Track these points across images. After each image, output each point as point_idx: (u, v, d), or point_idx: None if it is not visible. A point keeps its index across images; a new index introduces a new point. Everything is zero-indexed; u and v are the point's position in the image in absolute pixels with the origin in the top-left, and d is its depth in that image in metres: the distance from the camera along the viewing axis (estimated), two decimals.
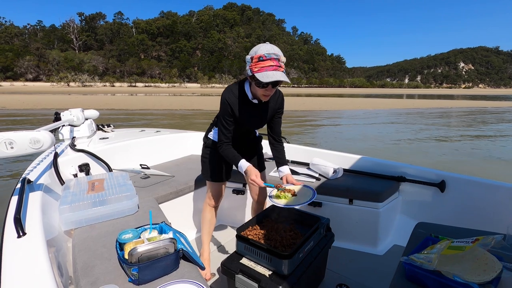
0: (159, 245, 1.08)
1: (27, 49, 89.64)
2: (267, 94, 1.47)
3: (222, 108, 1.57)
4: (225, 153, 1.61)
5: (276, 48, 1.39)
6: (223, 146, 1.61)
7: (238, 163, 1.56)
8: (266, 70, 1.35)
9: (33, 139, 1.29)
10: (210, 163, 1.81)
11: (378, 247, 2.15)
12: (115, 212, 1.52)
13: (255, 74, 1.36)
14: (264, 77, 1.34)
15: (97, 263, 1.16)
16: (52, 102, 22.27)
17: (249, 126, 1.68)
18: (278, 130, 1.80)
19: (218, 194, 1.88)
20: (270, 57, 1.35)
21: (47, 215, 1.35)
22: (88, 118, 2.79)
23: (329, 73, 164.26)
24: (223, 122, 1.58)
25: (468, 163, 6.91)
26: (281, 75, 1.37)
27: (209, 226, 1.93)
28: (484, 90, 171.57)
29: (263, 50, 1.36)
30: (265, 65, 1.34)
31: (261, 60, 1.35)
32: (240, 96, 1.56)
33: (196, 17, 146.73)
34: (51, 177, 1.76)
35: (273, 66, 1.35)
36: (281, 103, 1.72)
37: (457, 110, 22.35)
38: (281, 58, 1.39)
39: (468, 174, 2.11)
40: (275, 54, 1.36)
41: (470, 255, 0.94)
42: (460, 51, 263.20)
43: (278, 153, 1.79)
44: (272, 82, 1.38)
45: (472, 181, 1.97)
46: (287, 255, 1.23)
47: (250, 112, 1.60)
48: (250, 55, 1.40)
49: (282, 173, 1.70)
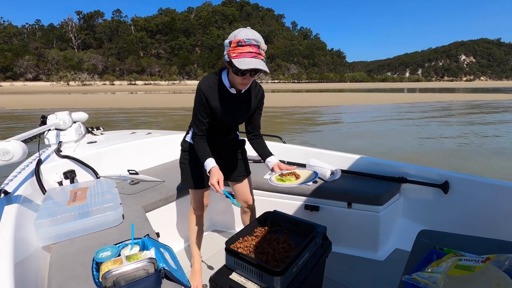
0: (137, 266, 0.99)
1: (26, 48, 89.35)
2: (245, 83, 1.37)
3: (196, 97, 1.45)
4: (196, 147, 1.50)
5: (257, 34, 1.30)
6: (195, 139, 1.51)
7: (205, 160, 1.44)
8: (245, 56, 1.25)
9: (2, 150, 1.20)
10: (190, 169, 1.68)
11: (379, 252, 2.05)
12: (97, 225, 1.43)
13: (233, 60, 1.27)
14: (241, 63, 1.24)
15: (72, 285, 1.07)
16: (51, 101, 22.20)
17: (228, 119, 1.55)
18: (258, 125, 1.70)
19: (201, 202, 1.77)
20: (250, 43, 1.25)
21: (23, 230, 1.26)
22: (77, 121, 2.69)
23: (329, 68, 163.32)
24: (197, 114, 1.47)
25: (475, 161, 6.79)
26: (260, 63, 1.27)
27: (197, 235, 1.83)
28: (485, 82, 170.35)
29: (242, 34, 1.26)
30: (244, 51, 1.25)
31: (240, 45, 1.25)
32: (217, 85, 1.45)
33: (194, 14, 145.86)
34: (33, 187, 1.67)
35: (252, 53, 1.26)
36: (261, 97, 1.63)
37: (462, 103, 22.14)
38: (262, 45, 1.30)
39: (474, 173, 2.01)
40: (255, 40, 1.27)
41: (481, 277, 0.84)
42: (461, 44, 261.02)
43: (261, 145, 1.68)
44: (250, 69, 1.28)
45: (478, 182, 1.86)
46: (279, 272, 1.14)
47: (228, 103, 1.48)
48: (229, 39, 1.30)
49: (271, 163, 1.58)
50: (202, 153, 1.48)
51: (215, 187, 1.34)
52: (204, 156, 1.46)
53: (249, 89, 1.54)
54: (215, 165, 1.42)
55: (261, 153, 1.66)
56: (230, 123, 1.59)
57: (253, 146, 1.71)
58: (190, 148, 1.65)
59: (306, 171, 1.49)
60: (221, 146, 1.68)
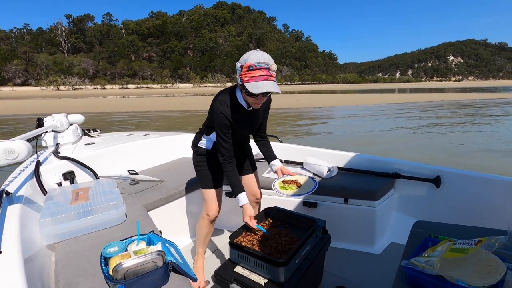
0: (146, 259, 1.02)
1: (14, 53, 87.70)
2: (258, 102, 1.44)
3: (219, 122, 1.50)
4: (229, 174, 1.56)
5: (266, 56, 1.35)
6: (227, 165, 1.56)
7: (238, 194, 1.53)
8: (256, 80, 1.31)
9: (7, 149, 1.21)
10: (207, 170, 1.73)
11: (375, 246, 2.11)
12: (100, 223, 1.44)
13: (245, 84, 1.33)
14: (254, 88, 1.31)
15: (80, 280, 1.08)
16: (41, 106, 21.86)
17: (247, 132, 1.68)
18: (265, 128, 1.81)
19: (216, 205, 1.79)
20: (260, 67, 1.31)
21: (27, 230, 1.27)
22: (73, 123, 2.69)
23: (321, 70, 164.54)
24: (223, 136, 1.52)
25: (467, 157, 6.95)
26: (272, 85, 1.33)
27: (205, 239, 1.85)
28: (473, 82, 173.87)
29: (253, 59, 1.32)
30: (255, 74, 1.31)
31: (251, 69, 1.31)
32: (233, 105, 1.51)
33: (186, 17, 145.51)
34: (33, 188, 1.67)
35: (263, 76, 1.32)
36: (269, 104, 1.72)
37: (451, 103, 22.59)
38: (272, 66, 1.35)
39: (465, 168, 2.08)
40: (265, 64, 1.32)
41: (473, 257, 0.90)
42: (449, 45, 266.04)
43: (267, 148, 1.80)
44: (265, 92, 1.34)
45: (468, 176, 1.94)
46: (283, 262, 1.18)
47: (243, 118, 1.56)
48: (240, 63, 1.36)
49: (275, 167, 1.71)
50: (235, 184, 1.55)
51: (249, 224, 1.46)
52: (238, 189, 1.54)
53: None
54: (247, 202, 1.51)
55: (267, 155, 1.78)
56: (241, 134, 1.68)
57: (259, 147, 1.81)
58: (206, 153, 1.72)
59: (306, 180, 1.61)
60: (236, 151, 1.73)
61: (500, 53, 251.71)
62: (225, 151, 1.55)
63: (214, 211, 1.77)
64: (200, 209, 1.86)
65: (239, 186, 1.55)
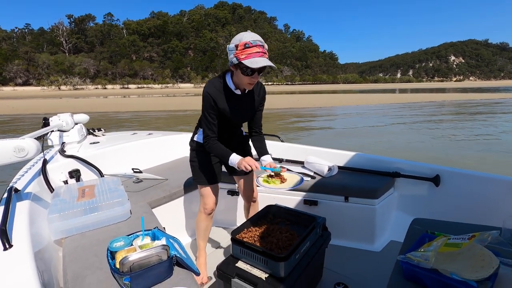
0: (151, 253, 1.06)
1: (15, 53, 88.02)
2: (252, 81, 1.46)
3: (205, 102, 1.53)
4: (213, 148, 1.57)
5: (259, 36, 1.40)
6: (209, 141, 1.57)
7: (229, 157, 1.53)
8: (254, 56, 1.35)
9: (18, 147, 1.25)
10: (200, 166, 1.75)
11: (375, 244, 2.14)
12: (106, 219, 1.48)
13: (243, 61, 1.35)
14: (253, 63, 1.34)
15: (88, 273, 1.12)
16: (43, 106, 21.95)
17: (234, 120, 1.64)
18: (259, 122, 1.79)
19: (213, 199, 1.81)
20: (256, 44, 1.36)
21: (35, 225, 1.31)
22: (78, 122, 2.73)
23: (322, 70, 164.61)
24: (207, 116, 1.55)
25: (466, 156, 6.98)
26: (268, 61, 1.38)
27: (205, 233, 1.88)
28: (474, 82, 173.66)
29: (248, 37, 1.36)
30: (252, 51, 1.35)
31: (248, 47, 1.35)
32: (223, 88, 1.54)
33: (187, 17, 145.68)
34: (40, 185, 1.72)
35: (259, 53, 1.36)
36: (263, 95, 1.72)
37: (451, 103, 22.58)
38: (265, 45, 1.41)
39: (464, 167, 2.11)
40: (260, 41, 1.38)
41: (467, 252, 0.93)
42: (450, 45, 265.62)
43: (260, 143, 1.77)
44: (259, 68, 1.38)
45: (466, 175, 1.97)
46: (283, 257, 1.21)
47: (234, 104, 1.58)
48: (234, 43, 1.39)
49: (265, 162, 1.69)
50: (222, 151, 1.55)
51: (251, 164, 1.47)
52: (227, 153, 1.54)
53: (251, 89, 1.62)
54: (240, 158, 1.52)
55: (259, 150, 1.76)
56: (237, 122, 1.68)
57: (253, 143, 1.79)
58: (199, 147, 1.73)
59: (293, 176, 1.60)
60: (228, 143, 1.74)
61: (501, 53, 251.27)
62: (208, 131, 1.56)
63: (211, 204, 1.80)
64: None
65: (226, 151, 1.55)
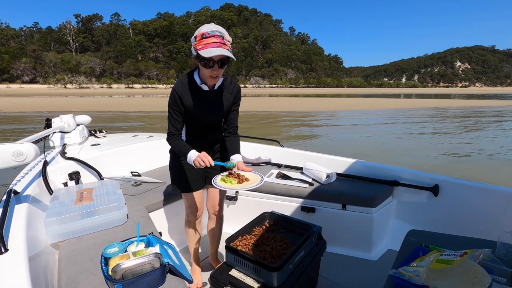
0: (143, 261, 1.06)
1: (23, 51, 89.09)
2: (214, 74, 1.42)
3: (171, 98, 1.51)
4: (174, 144, 1.53)
5: (220, 27, 1.37)
6: (172, 138, 1.54)
7: (188, 153, 1.46)
8: (210, 46, 1.32)
9: (16, 151, 1.27)
10: (180, 173, 1.69)
11: (372, 253, 2.13)
12: (103, 223, 1.50)
13: (199, 51, 1.33)
14: (207, 52, 1.31)
15: (82, 279, 1.13)
16: (48, 104, 22.16)
17: (203, 116, 1.57)
18: (235, 123, 1.71)
19: (195, 206, 1.75)
20: (214, 34, 1.33)
21: (33, 228, 1.33)
22: (80, 124, 2.76)
23: (326, 73, 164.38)
24: (171, 113, 1.52)
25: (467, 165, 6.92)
26: (226, 51, 1.34)
27: (194, 239, 1.84)
28: (480, 89, 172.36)
29: (206, 28, 1.35)
30: (209, 41, 1.33)
31: (204, 37, 1.33)
32: (190, 84, 1.51)
33: (193, 18, 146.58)
34: (40, 187, 1.74)
35: (217, 43, 1.33)
36: (237, 93, 1.66)
37: (458, 110, 22.43)
38: (226, 36, 1.37)
39: (464, 177, 2.10)
40: (218, 32, 1.35)
41: (459, 268, 0.93)
42: (456, 50, 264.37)
43: (233, 143, 1.67)
44: (217, 59, 1.35)
45: (466, 185, 1.96)
46: (276, 267, 1.21)
47: (202, 100, 1.53)
48: (194, 35, 1.38)
49: (233, 161, 1.59)
50: (182, 148, 1.49)
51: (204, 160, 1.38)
52: (186, 149, 1.47)
53: (222, 86, 1.59)
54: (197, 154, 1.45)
55: (230, 150, 1.65)
56: (205, 120, 1.60)
57: (226, 143, 1.70)
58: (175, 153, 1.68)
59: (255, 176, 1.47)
60: (205, 148, 1.68)
61: (508, 60, 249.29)
62: (172, 128, 1.53)
63: (195, 212, 1.76)
64: None
65: (185, 147, 1.49)
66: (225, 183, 1.40)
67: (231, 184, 1.39)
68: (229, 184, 1.39)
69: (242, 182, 1.40)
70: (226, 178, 1.42)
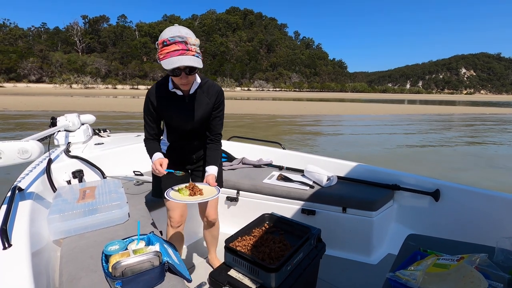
0: (143, 259, 1.08)
1: (30, 51, 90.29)
2: (183, 83, 1.34)
3: (144, 103, 1.47)
4: (146, 147, 1.53)
5: (184, 30, 1.25)
6: (145, 142, 1.54)
7: (153, 156, 1.46)
8: (171, 55, 1.22)
9: (21, 149, 1.29)
10: (163, 178, 1.60)
11: (372, 256, 2.13)
12: (104, 221, 1.51)
13: (161, 62, 1.25)
14: (167, 64, 1.22)
15: (82, 275, 1.15)
16: (54, 103, 22.39)
17: (179, 122, 1.51)
18: (217, 130, 1.62)
19: (178, 212, 1.67)
20: (175, 41, 1.21)
21: (36, 224, 1.35)
22: (84, 123, 2.80)
23: (330, 78, 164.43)
24: (146, 118, 1.50)
25: (467, 171, 6.88)
26: (188, 59, 1.22)
27: (178, 246, 1.76)
28: (485, 96, 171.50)
29: (167, 33, 1.23)
30: (170, 50, 1.22)
31: (165, 45, 1.23)
32: (163, 90, 1.45)
33: (199, 21, 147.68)
34: (43, 184, 1.76)
35: (178, 51, 1.22)
36: (219, 98, 1.54)
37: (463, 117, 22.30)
38: (190, 40, 1.24)
39: (466, 183, 2.10)
40: (180, 37, 1.22)
41: (456, 273, 0.93)
42: (461, 57, 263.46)
43: (212, 152, 1.60)
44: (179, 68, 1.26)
45: (467, 191, 1.96)
46: (274, 268, 1.22)
47: (175, 106, 1.47)
48: (157, 41, 1.28)
49: (206, 173, 1.55)
50: (150, 151, 1.48)
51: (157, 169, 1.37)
52: (151, 154, 1.47)
53: (200, 90, 1.49)
54: (161, 156, 1.45)
55: (208, 159, 1.60)
56: (182, 126, 1.54)
57: (206, 151, 1.63)
58: None
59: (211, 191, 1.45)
60: (189, 154, 1.66)
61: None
62: (146, 133, 1.53)
63: (177, 218, 1.68)
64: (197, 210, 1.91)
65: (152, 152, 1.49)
66: (179, 194, 1.39)
67: (182, 196, 1.37)
68: (180, 195, 1.38)
69: (194, 195, 1.38)
70: (182, 189, 1.40)
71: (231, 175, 2.49)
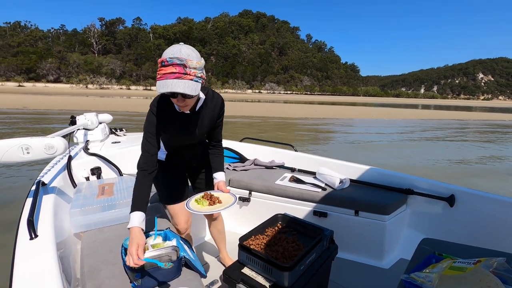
0: (161, 253, 1.12)
1: (49, 52, 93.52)
2: (181, 105, 1.26)
3: (147, 118, 1.35)
4: (136, 184, 1.32)
5: (185, 51, 1.14)
6: (137, 173, 1.33)
7: (131, 212, 1.24)
8: (167, 78, 1.13)
9: (48, 145, 1.36)
10: (165, 184, 1.64)
11: (384, 261, 2.11)
12: (123, 217, 1.57)
13: (157, 82, 1.17)
14: (160, 86, 1.14)
15: (103, 267, 1.19)
16: (70, 103, 23.03)
17: (183, 137, 1.49)
18: (219, 137, 1.63)
19: (183, 218, 1.67)
20: (172, 62, 1.12)
21: (58, 218, 1.41)
22: (102, 122, 2.89)
23: (342, 81, 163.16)
24: (148, 134, 1.35)
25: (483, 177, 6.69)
26: (183, 85, 1.13)
27: None
28: (504, 102, 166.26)
29: (167, 53, 1.15)
30: (166, 71, 1.13)
31: (163, 65, 1.15)
32: (166, 105, 1.36)
33: (211, 24, 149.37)
34: (64, 180, 1.83)
35: (174, 74, 1.13)
36: (222, 109, 1.53)
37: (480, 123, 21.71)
38: (189, 63, 1.14)
39: (481, 189, 2.06)
40: (179, 59, 1.12)
41: (472, 276, 0.92)
42: (479, 62, 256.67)
43: (216, 158, 1.63)
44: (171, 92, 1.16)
45: (483, 197, 1.92)
46: (288, 267, 1.23)
47: (178, 121, 1.41)
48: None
49: (215, 180, 1.56)
50: (134, 199, 1.28)
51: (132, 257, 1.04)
52: (134, 206, 1.26)
53: (206, 106, 1.46)
54: (137, 225, 1.19)
55: (214, 166, 1.61)
56: (186, 141, 1.53)
57: (210, 157, 1.65)
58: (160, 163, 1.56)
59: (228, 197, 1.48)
60: (190, 159, 1.66)
61: None
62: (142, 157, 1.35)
63: (182, 224, 1.67)
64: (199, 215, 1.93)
65: (136, 202, 1.27)
66: (197, 204, 1.41)
67: (202, 206, 1.40)
68: (200, 206, 1.40)
69: (214, 204, 1.42)
70: (199, 200, 1.44)
71: (244, 176, 2.52)
